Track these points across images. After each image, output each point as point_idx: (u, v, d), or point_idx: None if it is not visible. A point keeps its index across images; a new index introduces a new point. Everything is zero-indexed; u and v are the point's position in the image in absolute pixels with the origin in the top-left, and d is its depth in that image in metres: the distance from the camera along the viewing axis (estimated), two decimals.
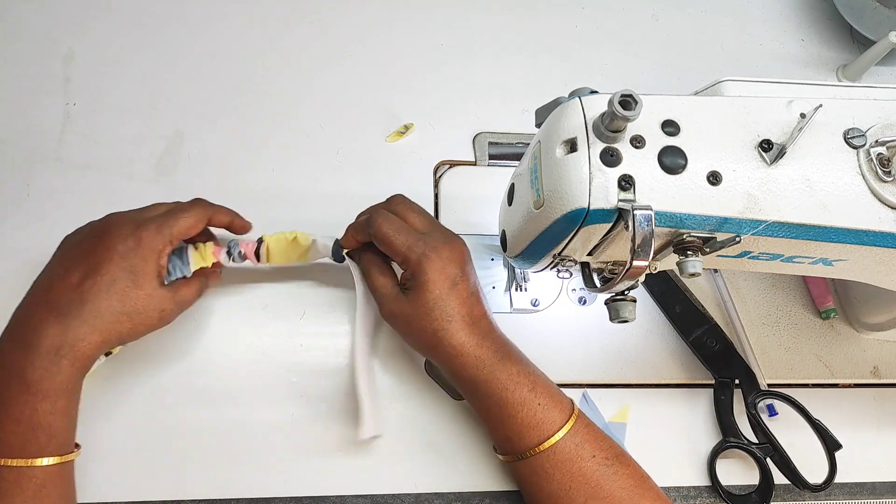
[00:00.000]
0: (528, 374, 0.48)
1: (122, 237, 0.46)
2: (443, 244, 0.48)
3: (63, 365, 0.44)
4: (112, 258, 0.45)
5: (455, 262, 0.48)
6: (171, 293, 0.48)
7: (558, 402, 0.48)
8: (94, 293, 0.45)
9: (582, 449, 0.47)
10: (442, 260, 0.48)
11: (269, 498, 0.51)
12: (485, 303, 0.50)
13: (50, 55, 0.62)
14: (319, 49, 0.66)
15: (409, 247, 0.48)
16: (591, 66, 0.69)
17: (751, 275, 0.62)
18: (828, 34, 0.74)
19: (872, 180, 0.41)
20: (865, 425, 0.59)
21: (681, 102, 0.41)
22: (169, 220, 0.48)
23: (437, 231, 0.50)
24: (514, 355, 0.49)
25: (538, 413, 0.47)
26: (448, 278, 0.48)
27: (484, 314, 0.49)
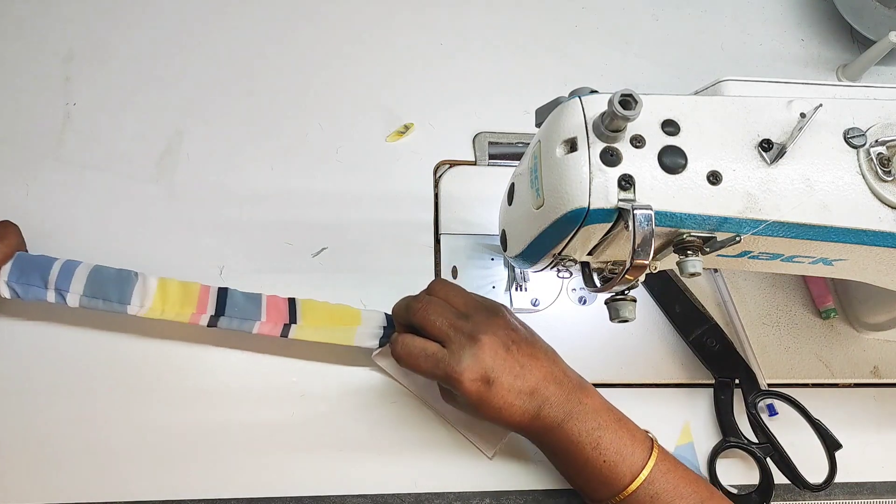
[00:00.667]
0: (595, 430, 0.47)
1: None
2: (470, 343, 0.47)
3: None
4: None
5: (486, 355, 0.47)
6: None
7: (631, 454, 0.47)
8: None
9: (658, 500, 0.46)
10: (469, 370, 0.46)
11: (269, 498, 0.51)
12: (544, 358, 0.49)
13: (50, 55, 0.62)
14: (319, 49, 0.66)
15: (432, 373, 0.48)
16: (591, 66, 0.69)
17: (751, 275, 0.62)
18: (828, 34, 0.74)
19: (872, 180, 0.41)
20: (865, 425, 0.59)
21: (681, 102, 0.41)
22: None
23: (474, 314, 0.49)
24: (579, 413, 0.48)
25: (604, 471, 0.47)
26: (480, 382, 0.46)
27: (540, 380, 0.48)
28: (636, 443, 0.48)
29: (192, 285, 0.52)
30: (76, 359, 0.53)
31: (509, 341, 0.48)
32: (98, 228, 0.57)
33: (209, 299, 0.51)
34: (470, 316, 0.49)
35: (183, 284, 0.51)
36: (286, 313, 0.52)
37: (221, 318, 0.51)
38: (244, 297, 0.52)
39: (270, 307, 0.52)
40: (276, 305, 0.52)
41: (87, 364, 0.53)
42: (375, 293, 0.57)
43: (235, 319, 0.51)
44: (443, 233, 0.60)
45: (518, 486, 0.53)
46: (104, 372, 0.52)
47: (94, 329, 0.53)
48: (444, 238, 0.60)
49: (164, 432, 0.52)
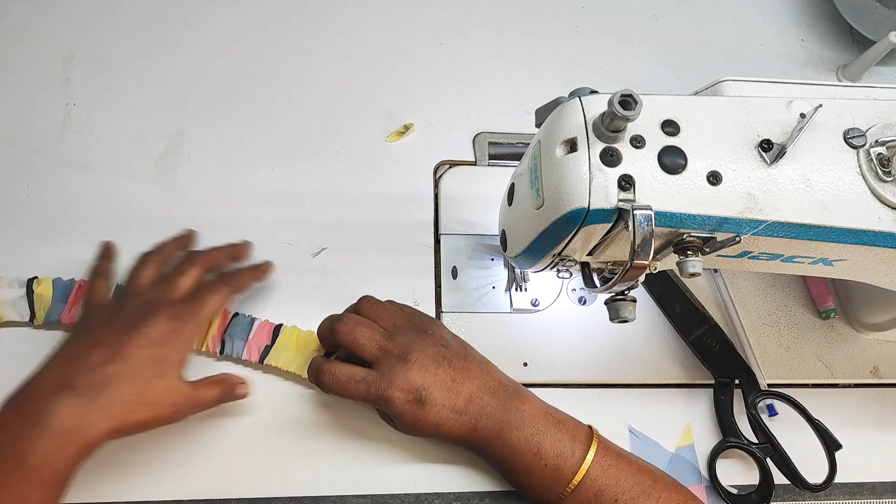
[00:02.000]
0: (532, 437, 0.48)
1: (156, 323, 0.44)
2: (399, 363, 0.47)
3: (69, 451, 0.40)
4: (141, 344, 0.43)
5: (419, 372, 0.47)
6: (191, 390, 0.45)
7: (570, 455, 0.47)
8: (117, 378, 0.41)
9: (601, 497, 0.47)
10: (400, 389, 0.46)
11: (269, 498, 0.51)
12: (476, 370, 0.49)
13: (50, 55, 0.62)
14: (319, 49, 0.66)
15: (364, 397, 0.47)
16: (591, 66, 0.69)
17: (751, 275, 0.62)
18: (828, 34, 0.74)
19: (872, 180, 0.41)
20: (865, 425, 0.59)
21: (681, 102, 0.41)
22: (201, 304, 0.46)
23: (403, 333, 0.49)
24: (515, 420, 0.48)
25: (546, 474, 0.47)
26: (414, 399, 0.47)
27: (473, 392, 0.48)
28: (576, 442, 0.48)
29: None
30: None
31: (440, 357, 0.48)
32: (98, 228, 0.57)
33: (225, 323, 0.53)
34: (398, 334, 0.49)
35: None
36: (270, 336, 0.53)
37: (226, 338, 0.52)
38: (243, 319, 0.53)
39: (260, 329, 0.53)
40: (265, 327, 0.53)
41: None
42: (375, 293, 0.57)
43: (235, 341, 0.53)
44: (443, 233, 0.60)
45: None
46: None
47: None
48: (444, 238, 0.60)
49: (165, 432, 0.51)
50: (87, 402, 0.41)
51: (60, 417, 0.40)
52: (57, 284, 0.52)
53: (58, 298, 0.52)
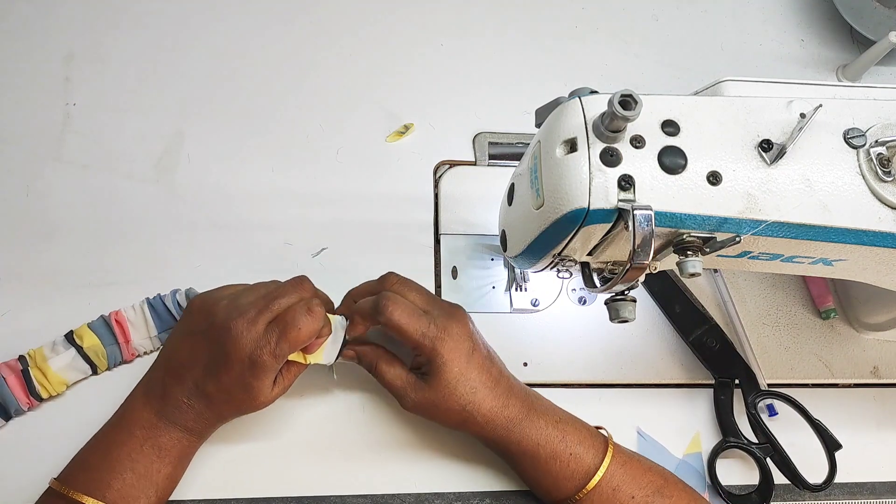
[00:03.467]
0: (556, 424, 0.48)
1: (237, 353, 0.44)
2: (448, 320, 0.48)
3: (192, 441, 0.47)
4: (229, 372, 0.45)
5: (464, 335, 0.48)
6: (277, 391, 0.47)
7: (590, 447, 0.48)
8: (217, 400, 0.46)
9: (619, 492, 0.47)
10: (453, 338, 0.47)
11: (270, 498, 0.51)
12: (498, 360, 0.51)
13: (50, 55, 0.62)
14: (319, 49, 0.66)
15: (423, 333, 0.47)
16: (591, 66, 0.69)
17: (751, 275, 0.62)
18: (828, 34, 0.74)
19: (872, 180, 0.41)
20: (865, 425, 0.59)
21: (681, 102, 0.41)
22: (283, 336, 0.45)
23: (438, 307, 0.49)
24: (539, 407, 0.49)
25: (570, 463, 0.47)
26: (463, 353, 0.48)
27: (501, 373, 0.49)
28: (593, 435, 0.49)
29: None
30: None
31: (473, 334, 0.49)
32: (98, 229, 0.57)
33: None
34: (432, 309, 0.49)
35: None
36: None
37: None
38: None
39: None
40: None
41: None
42: None
43: None
44: (443, 233, 0.60)
45: (518, 486, 0.53)
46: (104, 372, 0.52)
47: None
48: (444, 238, 0.60)
49: None
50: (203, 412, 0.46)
51: (187, 419, 0.46)
52: (97, 329, 0.52)
53: (108, 343, 0.52)
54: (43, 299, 0.54)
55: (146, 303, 0.53)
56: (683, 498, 0.48)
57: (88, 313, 0.53)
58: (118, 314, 0.53)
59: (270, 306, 0.45)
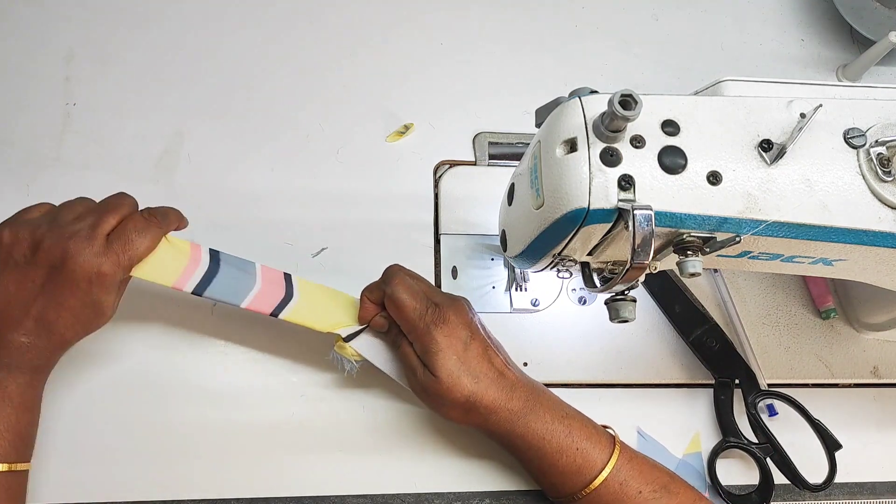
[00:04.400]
0: (562, 419, 0.48)
1: (82, 270, 0.42)
2: (447, 309, 0.48)
3: (40, 378, 0.46)
4: (74, 293, 0.43)
5: (461, 323, 0.48)
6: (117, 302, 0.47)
7: (597, 443, 0.48)
8: (60, 326, 0.44)
9: (627, 487, 0.47)
10: (449, 325, 0.48)
11: (269, 498, 0.51)
12: (503, 352, 0.50)
13: (50, 55, 0.62)
14: (319, 49, 0.66)
15: (420, 315, 0.48)
16: (591, 66, 0.69)
17: (751, 275, 0.62)
18: (828, 34, 0.74)
19: (872, 180, 0.41)
20: (865, 425, 0.59)
21: (681, 102, 0.41)
22: (127, 246, 0.44)
23: (440, 297, 0.50)
24: (545, 400, 0.49)
25: (577, 458, 0.47)
26: (459, 341, 0.48)
27: (505, 364, 0.49)
28: (599, 432, 0.49)
29: (182, 243, 0.48)
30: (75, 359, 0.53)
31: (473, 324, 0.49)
32: None
33: (200, 258, 0.48)
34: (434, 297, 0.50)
35: (173, 241, 0.48)
36: (283, 287, 0.50)
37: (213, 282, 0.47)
38: (238, 261, 0.49)
39: (266, 278, 0.49)
40: (272, 276, 0.50)
41: (86, 364, 0.53)
42: None
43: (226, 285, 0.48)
44: (443, 233, 0.60)
45: (518, 486, 0.53)
46: (104, 372, 0.52)
47: None
48: (444, 238, 0.60)
49: (165, 432, 0.52)
50: (40, 344, 0.44)
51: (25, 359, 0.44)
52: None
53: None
54: None
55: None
56: (689, 495, 0.48)
57: None
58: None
59: (104, 219, 0.44)
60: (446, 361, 0.47)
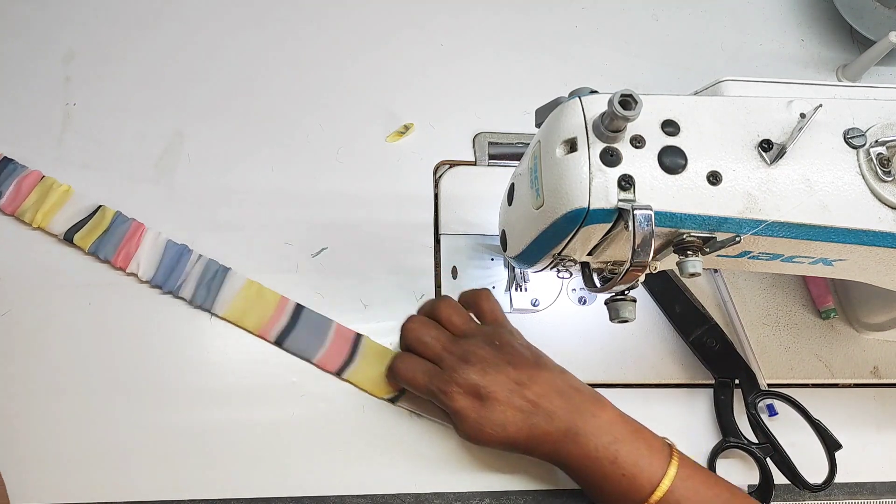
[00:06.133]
0: (607, 447, 0.47)
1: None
2: (456, 371, 0.48)
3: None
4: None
5: (471, 384, 0.47)
6: None
7: (648, 466, 0.46)
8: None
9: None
10: (461, 390, 0.47)
11: (269, 498, 0.51)
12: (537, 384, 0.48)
13: (50, 55, 0.62)
14: (319, 49, 0.66)
15: (428, 391, 0.49)
16: (591, 66, 0.69)
17: (751, 275, 0.62)
18: (828, 34, 0.74)
19: (872, 180, 0.41)
20: (865, 425, 0.59)
21: (681, 102, 0.41)
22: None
23: (456, 349, 0.49)
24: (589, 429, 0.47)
25: (622, 483, 0.46)
26: (475, 403, 0.47)
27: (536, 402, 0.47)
28: (654, 453, 0.47)
29: (272, 294, 0.54)
30: (75, 359, 0.53)
31: (503, 362, 0.48)
32: None
33: (285, 311, 0.54)
34: (465, 340, 0.50)
35: (262, 290, 0.54)
36: (349, 348, 0.54)
37: (291, 334, 0.53)
38: (318, 318, 0.54)
39: (338, 336, 0.54)
40: (344, 336, 0.54)
41: (85, 364, 0.53)
42: (375, 293, 0.57)
43: (303, 339, 0.53)
44: (443, 233, 0.60)
45: (518, 486, 0.53)
46: (104, 372, 0.52)
47: (94, 329, 0.53)
48: (444, 238, 0.60)
49: (165, 432, 0.52)
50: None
51: None
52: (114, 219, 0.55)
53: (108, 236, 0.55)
54: (43, 299, 0.54)
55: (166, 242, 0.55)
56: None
57: (88, 313, 0.53)
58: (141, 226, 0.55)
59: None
60: (465, 422, 0.48)
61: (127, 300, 0.54)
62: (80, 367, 0.52)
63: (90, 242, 0.54)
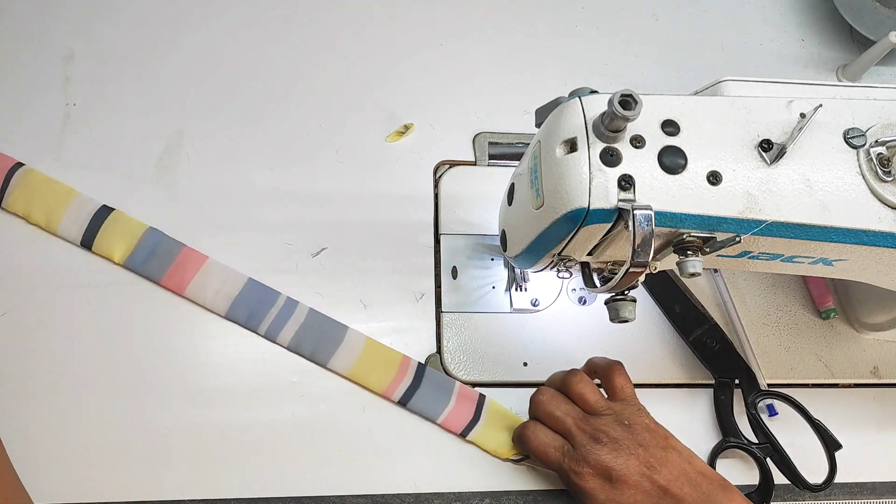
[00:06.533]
0: None
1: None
2: (588, 450, 0.47)
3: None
4: None
5: (602, 466, 0.47)
6: None
7: None
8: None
9: None
10: (589, 466, 0.47)
11: (269, 498, 0.51)
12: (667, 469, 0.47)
13: (50, 55, 0.62)
14: (319, 48, 0.66)
15: (559, 467, 0.49)
16: (591, 66, 0.69)
17: (751, 275, 0.62)
18: (828, 34, 0.74)
19: (872, 180, 0.41)
20: (865, 425, 0.59)
21: (681, 102, 0.41)
22: None
23: (588, 428, 0.49)
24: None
25: None
26: (604, 480, 0.47)
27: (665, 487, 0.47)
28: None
29: (394, 354, 0.54)
30: (74, 359, 0.53)
31: (634, 444, 0.48)
32: None
33: (408, 371, 0.54)
34: (598, 416, 0.49)
35: (384, 350, 0.54)
36: (473, 408, 0.53)
37: (416, 394, 0.53)
38: (441, 378, 0.54)
39: (461, 397, 0.53)
40: (468, 396, 0.54)
41: (86, 364, 0.53)
42: (375, 293, 0.57)
43: (428, 399, 0.53)
44: (443, 233, 0.60)
45: (518, 486, 0.53)
46: (104, 372, 0.52)
47: (93, 329, 0.53)
48: (444, 238, 0.60)
49: (165, 432, 0.52)
50: None
51: None
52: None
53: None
54: (43, 299, 0.54)
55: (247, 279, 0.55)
56: None
57: (88, 313, 0.53)
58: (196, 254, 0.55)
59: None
60: (594, 501, 0.47)
61: (127, 300, 0.54)
62: (80, 367, 0.52)
63: (118, 253, 0.54)
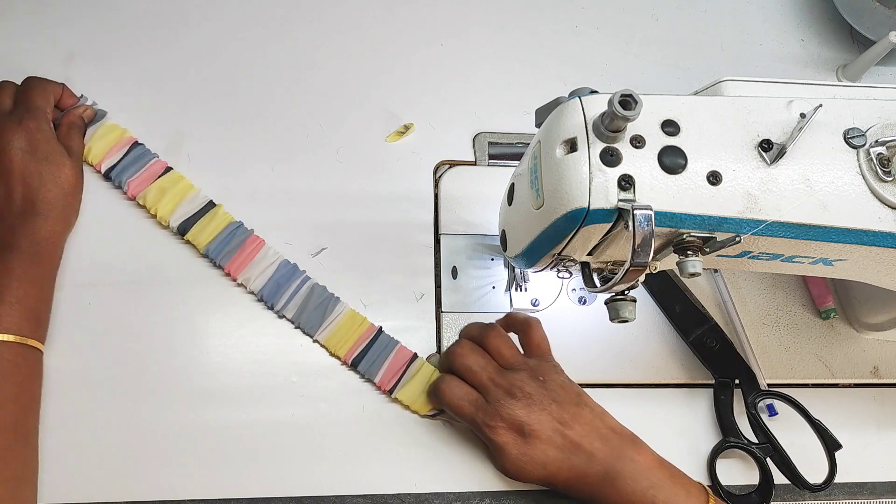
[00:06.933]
0: (644, 492, 0.47)
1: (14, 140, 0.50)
2: (502, 403, 0.48)
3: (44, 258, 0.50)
4: (24, 160, 0.50)
5: (515, 419, 0.48)
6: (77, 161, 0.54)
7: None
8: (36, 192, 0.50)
9: None
10: (504, 424, 0.48)
11: (269, 498, 0.51)
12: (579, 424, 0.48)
13: (50, 55, 0.62)
14: (319, 48, 0.66)
15: (472, 420, 0.49)
16: (591, 66, 0.69)
17: (751, 275, 0.62)
18: (828, 34, 0.74)
19: (872, 180, 0.41)
20: (865, 425, 0.59)
21: (681, 102, 0.41)
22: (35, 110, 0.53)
23: (503, 381, 0.49)
24: (626, 473, 0.47)
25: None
26: (517, 434, 0.48)
27: (577, 443, 0.48)
28: (691, 498, 0.48)
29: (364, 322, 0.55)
30: (74, 359, 0.53)
31: (548, 399, 0.49)
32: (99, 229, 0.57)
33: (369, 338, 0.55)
34: (511, 372, 0.50)
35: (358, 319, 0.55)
36: (404, 368, 0.54)
37: (365, 357, 0.54)
38: (387, 341, 0.55)
39: (396, 357, 0.54)
40: (402, 355, 0.54)
41: (85, 364, 0.53)
42: (375, 293, 0.57)
43: (373, 361, 0.54)
44: (443, 233, 0.60)
45: (518, 486, 0.53)
46: (103, 372, 0.52)
47: (93, 329, 0.53)
48: (444, 238, 0.60)
49: (165, 432, 0.52)
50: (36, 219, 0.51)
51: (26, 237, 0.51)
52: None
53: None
54: None
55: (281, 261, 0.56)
56: None
57: (88, 313, 0.53)
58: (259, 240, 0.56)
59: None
60: (506, 458, 0.48)
61: (127, 300, 0.54)
62: (79, 367, 0.52)
63: (204, 243, 0.55)
